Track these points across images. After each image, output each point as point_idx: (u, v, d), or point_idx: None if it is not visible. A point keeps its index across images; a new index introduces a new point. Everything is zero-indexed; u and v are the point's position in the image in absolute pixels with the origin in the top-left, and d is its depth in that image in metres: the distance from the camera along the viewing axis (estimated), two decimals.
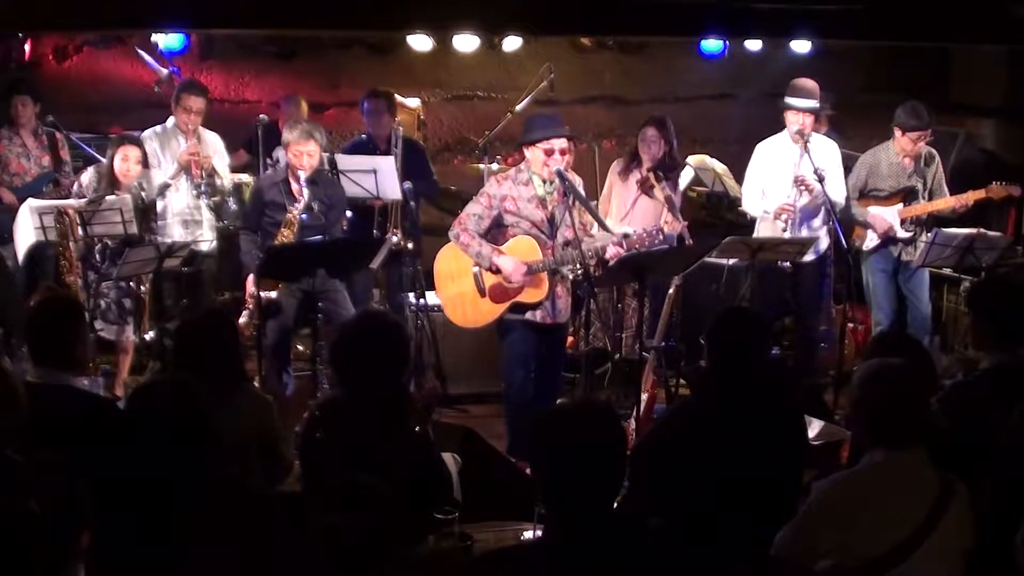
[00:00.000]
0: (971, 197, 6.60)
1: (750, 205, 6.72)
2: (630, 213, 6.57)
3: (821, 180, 6.24)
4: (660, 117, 6.65)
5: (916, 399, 3.12)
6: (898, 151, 6.62)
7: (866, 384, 3.15)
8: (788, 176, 6.43)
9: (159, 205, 6.71)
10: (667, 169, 6.54)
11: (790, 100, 6.41)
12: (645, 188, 6.50)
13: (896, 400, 3.07)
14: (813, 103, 6.40)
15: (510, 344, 5.52)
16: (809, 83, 6.45)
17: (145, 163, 6.46)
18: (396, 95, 7.55)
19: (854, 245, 6.73)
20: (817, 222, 6.53)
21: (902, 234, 6.65)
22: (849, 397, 3.25)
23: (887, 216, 6.63)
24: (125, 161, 6.27)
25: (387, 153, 6.80)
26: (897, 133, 6.58)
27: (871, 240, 6.74)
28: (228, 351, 3.97)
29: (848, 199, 6.65)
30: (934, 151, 6.74)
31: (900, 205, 6.64)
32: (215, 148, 6.93)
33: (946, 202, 6.61)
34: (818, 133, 6.74)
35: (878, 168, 6.68)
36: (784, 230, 6.42)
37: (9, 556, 2.34)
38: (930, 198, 6.66)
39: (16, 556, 2.34)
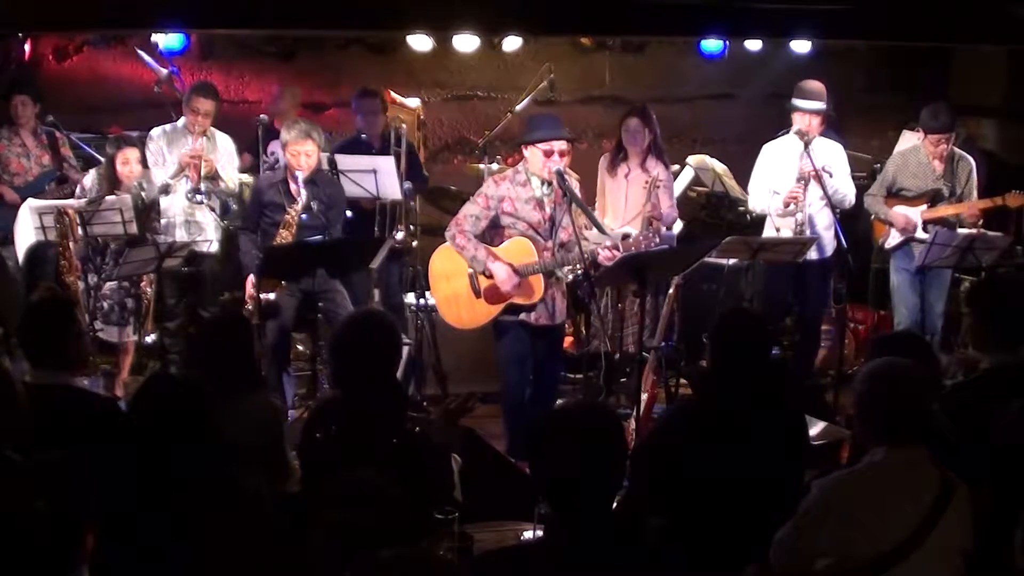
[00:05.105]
0: (984, 204, 6.58)
1: (757, 202, 6.68)
2: (625, 209, 6.54)
3: (830, 176, 6.27)
4: (642, 107, 6.65)
5: (920, 399, 3.12)
6: (927, 152, 6.63)
7: (870, 381, 3.14)
8: (794, 174, 6.43)
9: (163, 204, 6.71)
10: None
11: (797, 102, 6.42)
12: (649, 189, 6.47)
13: (900, 399, 3.07)
14: (820, 105, 6.40)
15: (504, 345, 5.51)
16: (816, 85, 6.45)
17: (145, 163, 6.48)
18: (393, 94, 7.56)
19: (877, 243, 6.75)
20: (825, 221, 6.51)
21: (921, 235, 6.63)
22: (853, 393, 3.25)
23: (911, 215, 6.62)
24: (126, 164, 6.35)
25: (381, 151, 6.81)
26: (921, 134, 6.60)
27: (893, 239, 6.72)
28: (245, 355, 4.00)
29: (870, 195, 6.68)
30: (967, 155, 6.71)
31: (925, 207, 6.64)
32: (226, 150, 6.92)
33: (959, 207, 6.60)
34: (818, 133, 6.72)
35: (906, 168, 6.67)
36: (799, 222, 6.37)
37: (11, 557, 2.33)
38: (959, 202, 6.63)
39: (18, 557, 2.34)
